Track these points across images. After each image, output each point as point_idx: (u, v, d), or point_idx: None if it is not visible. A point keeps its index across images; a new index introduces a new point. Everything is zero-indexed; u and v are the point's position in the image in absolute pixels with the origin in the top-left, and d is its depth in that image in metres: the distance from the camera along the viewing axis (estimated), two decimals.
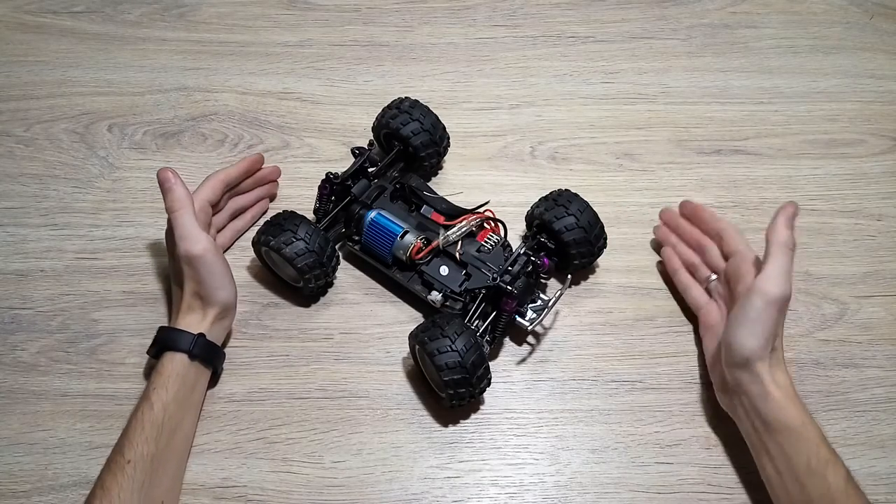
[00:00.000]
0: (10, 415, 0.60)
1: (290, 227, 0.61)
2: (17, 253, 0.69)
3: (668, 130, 0.79)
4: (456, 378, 0.55)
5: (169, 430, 0.54)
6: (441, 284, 0.62)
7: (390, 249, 0.63)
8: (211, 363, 0.59)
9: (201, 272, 0.57)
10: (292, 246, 0.60)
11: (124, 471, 0.50)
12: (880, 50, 0.86)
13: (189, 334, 0.56)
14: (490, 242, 0.64)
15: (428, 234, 0.64)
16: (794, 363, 0.64)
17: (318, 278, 0.63)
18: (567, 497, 0.57)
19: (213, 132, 0.77)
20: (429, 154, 0.70)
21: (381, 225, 0.63)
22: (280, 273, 0.65)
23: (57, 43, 0.84)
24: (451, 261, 0.63)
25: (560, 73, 0.83)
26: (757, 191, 0.74)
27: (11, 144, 0.76)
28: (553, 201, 0.64)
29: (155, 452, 0.52)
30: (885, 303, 0.68)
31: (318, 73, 0.82)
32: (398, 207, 0.67)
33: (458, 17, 0.88)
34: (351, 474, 0.58)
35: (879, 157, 0.77)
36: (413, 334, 0.58)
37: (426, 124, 0.69)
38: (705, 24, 0.88)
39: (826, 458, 0.51)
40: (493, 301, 0.60)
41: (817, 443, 0.52)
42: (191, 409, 0.57)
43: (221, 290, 0.58)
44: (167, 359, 0.56)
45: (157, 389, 0.54)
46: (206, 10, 0.88)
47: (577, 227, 0.62)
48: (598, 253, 0.65)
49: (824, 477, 0.50)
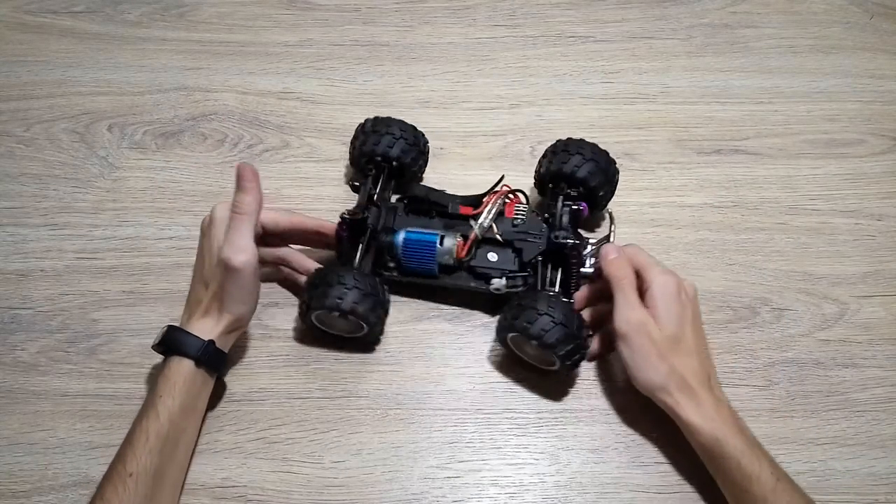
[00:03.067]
0: (10, 415, 0.60)
1: (335, 280, 0.58)
2: (17, 253, 0.69)
3: (668, 130, 0.79)
4: (570, 347, 0.56)
5: (173, 441, 0.53)
6: (498, 270, 0.62)
7: (434, 259, 0.62)
8: (216, 371, 0.57)
9: (230, 283, 0.55)
10: (349, 297, 0.57)
11: (126, 484, 0.50)
12: (880, 50, 0.86)
13: (199, 339, 0.55)
14: (520, 214, 0.64)
15: (461, 230, 0.64)
16: (795, 363, 0.64)
17: (383, 319, 0.61)
18: (567, 497, 0.57)
19: (213, 132, 0.77)
20: (414, 159, 0.69)
21: (417, 240, 0.62)
22: (336, 331, 0.62)
23: (57, 43, 0.84)
24: (495, 245, 0.63)
25: (560, 73, 0.83)
26: (757, 191, 0.74)
27: (11, 144, 0.76)
28: (553, 154, 0.67)
29: (159, 465, 0.51)
30: (885, 303, 0.68)
31: (318, 73, 0.82)
32: (417, 219, 0.65)
33: (457, 16, 0.88)
34: (351, 474, 0.58)
35: (879, 157, 0.77)
36: (505, 326, 0.58)
37: (398, 133, 0.67)
38: (705, 24, 0.88)
39: (749, 472, 0.52)
40: (555, 262, 0.62)
41: (737, 458, 0.52)
42: (194, 417, 0.56)
43: (243, 305, 0.57)
44: (174, 363, 0.55)
45: (163, 398, 0.53)
46: (206, 10, 0.88)
47: (587, 160, 0.65)
48: (614, 179, 0.67)
49: (748, 490, 0.51)
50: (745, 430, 0.55)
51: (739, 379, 0.63)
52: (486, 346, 0.64)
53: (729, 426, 0.54)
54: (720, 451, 0.53)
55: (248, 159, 0.75)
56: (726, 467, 0.53)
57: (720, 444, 0.53)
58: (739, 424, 0.55)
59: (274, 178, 0.73)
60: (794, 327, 0.66)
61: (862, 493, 0.58)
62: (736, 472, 0.52)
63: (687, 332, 0.57)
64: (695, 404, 0.55)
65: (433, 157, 0.73)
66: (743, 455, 0.52)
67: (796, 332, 0.66)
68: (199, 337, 0.55)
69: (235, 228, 0.55)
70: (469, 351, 0.64)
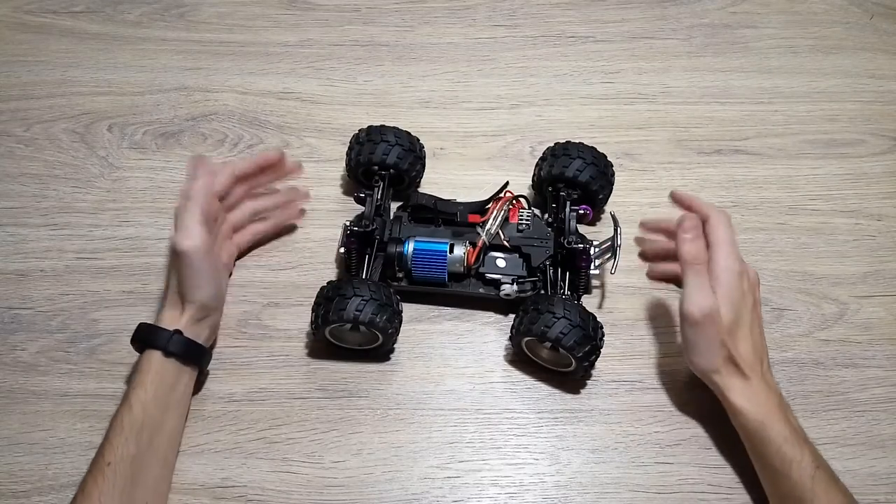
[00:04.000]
0: (10, 415, 0.60)
1: (350, 293, 0.57)
2: (17, 253, 0.69)
3: (668, 130, 0.79)
4: (587, 349, 0.57)
5: (150, 430, 0.53)
6: (507, 275, 0.63)
7: (445, 268, 0.62)
8: (192, 361, 0.57)
9: (183, 269, 0.56)
10: (367, 308, 0.57)
11: (104, 473, 0.50)
12: (880, 50, 0.86)
13: (165, 331, 0.56)
14: (524, 219, 0.65)
15: (468, 237, 0.64)
16: (795, 363, 0.64)
17: (398, 329, 0.61)
18: (567, 497, 0.57)
19: (213, 132, 0.77)
20: (412, 165, 0.68)
21: (426, 249, 0.62)
22: (348, 344, 0.62)
23: (57, 43, 0.84)
24: (502, 251, 0.64)
25: (560, 73, 0.83)
26: (757, 191, 0.74)
27: (11, 144, 0.76)
28: (553, 157, 0.67)
29: (135, 453, 0.52)
30: (885, 303, 0.68)
31: (318, 73, 0.82)
32: (423, 228, 0.65)
33: (458, 17, 0.88)
34: (351, 474, 0.58)
35: (879, 157, 0.77)
36: (521, 332, 0.59)
37: (393, 140, 0.67)
38: (705, 24, 0.88)
39: (790, 457, 0.52)
40: (564, 265, 0.63)
41: (779, 444, 0.53)
42: (173, 408, 0.56)
43: (199, 289, 0.57)
44: (146, 356, 0.56)
45: (135, 389, 0.54)
46: (206, 10, 0.88)
47: (588, 164, 0.65)
48: (612, 181, 0.68)
49: (789, 476, 0.52)
50: (792, 418, 0.55)
51: None
52: (486, 346, 0.64)
53: (775, 412, 0.54)
54: (763, 434, 0.53)
55: None
56: (767, 452, 0.53)
57: (764, 428, 0.53)
58: (786, 412, 0.55)
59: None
60: (794, 327, 0.66)
61: (862, 493, 0.57)
62: (776, 457, 0.53)
63: (745, 318, 0.57)
64: (744, 388, 0.55)
65: (434, 158, 0.73)
66: (785, 441, 0.53)
67: (796, 332, 0.66)
68: (165, 329, 0.56)
69: (181, 215, 0.57)
70: (469, 351, 0.64)
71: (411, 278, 0.63)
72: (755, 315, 0.59)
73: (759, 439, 0.54)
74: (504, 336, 0.64)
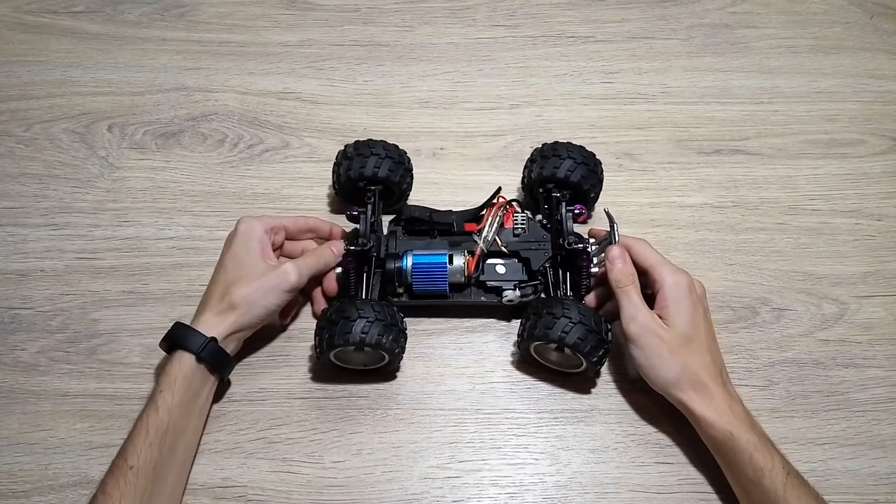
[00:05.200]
0: (10, 415, 0.60)
1: (354, 315, 0.56)
2: (17, 253, 0.69)
3: (668, 130, 0.79)
4: (594, 344, 0.57)
5: (173, 436, 0.53)
6: (508, 281, 0.63)
7: (446, 279, 0.62)
8: (218, 370, 0.57)
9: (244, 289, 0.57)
10: (373, 330, 0.56)
11: (126, 477, 0.50)
12: (880, 50, 0.86)
13: (201, 335, 0.55)
14: (519, 223, 0.65)
15: (465, 246, 0.64)
16: (795, 363, 0.64)
17: (404, 347, 0.60)
18: (567, 497, 0.57)
19: (213, 132, 0.77)
20: (402, 177, 0.67)
21: (426, 262, 0.62)
22: (353, 365, 0.61)
23: (57, 43, 0.84)
24: (500, 257, 0.64)
25: (560, 73, 0.83)
26: (757, 191, 0.74)
27: (11, 144, 0.76)
28: (542, 158, 0.67)
29: (158, 458, 0.52)
30: (885, 303, 0.68)
31: (318, 73, 0.82)
32: (418, 241, 0.65)
33: (458, 16, 0.88)
34: (351, 474, 0.58)
35: (879, 157, 0.77)
36: (527, 336, 0.58)
37: (382, 153, 0.65)
38: (705, 24, 0.88)
39: (761, 465, 0.52)
40: (564, 266, 0.63)
41: (750, 452, 0.53)
42: (195, 415, 0.56)
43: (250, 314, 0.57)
44: (177, 358, 0.55)
45: (163, 392, 0.53)
46: (206, 10, 0.88)
47: (578, 164, 0.65)
48: (601, 178, 0.68)
49: (761, 484, 0.52)
50: (757, 425, 0.55)
51: (739, 379, 0.63)
52: (486, 345, 0.64)
53: (741, 421, 0.54)
54: (733, 445, 0.53)
55: (248, 159, 0.75)
56: (738, 461, 0.53)
57: (733, 439, 0.53)
58: (751, 420, 0.55)
59: (274, 178, 0.74)
60: (794, 327, 0.66)
61: (862, 493, 0.58)
62: (748, 466, 0.52)
63: (699, 329, 0.57)
64: (707, 400, 0.55)
65: (434, 158, 0.73)
66: (756, 449, 0.53)
67: (796, 332, 0.66)
68: (202, 333, 0.55)
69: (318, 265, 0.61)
70: (469, 351, 0.64)
71: (412, 293, 0.62)
72: (707, 325, 0.59)
73: (729, 449, 0.54)
74: (504, 336, 0.64)
